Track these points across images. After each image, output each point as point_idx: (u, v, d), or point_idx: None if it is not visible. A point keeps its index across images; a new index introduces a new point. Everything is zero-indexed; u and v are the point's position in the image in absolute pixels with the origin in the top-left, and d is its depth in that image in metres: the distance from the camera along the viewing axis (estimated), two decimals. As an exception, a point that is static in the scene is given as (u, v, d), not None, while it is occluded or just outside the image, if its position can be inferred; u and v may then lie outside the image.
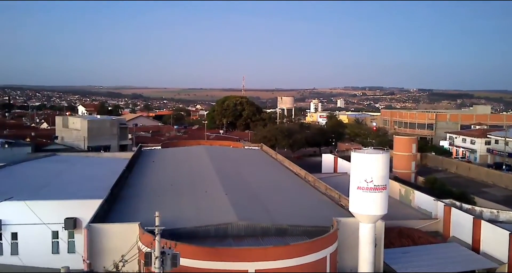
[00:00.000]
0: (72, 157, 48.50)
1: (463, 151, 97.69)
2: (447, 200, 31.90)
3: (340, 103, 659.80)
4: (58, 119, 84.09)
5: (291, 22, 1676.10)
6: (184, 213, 26.54)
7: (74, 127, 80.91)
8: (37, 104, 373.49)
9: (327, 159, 54.20)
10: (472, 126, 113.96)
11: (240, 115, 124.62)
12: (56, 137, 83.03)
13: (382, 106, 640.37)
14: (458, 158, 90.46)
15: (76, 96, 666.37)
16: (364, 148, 23.23)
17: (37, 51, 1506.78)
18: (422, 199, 34.24)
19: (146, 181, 36.33)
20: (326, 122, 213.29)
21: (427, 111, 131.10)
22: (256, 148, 59.03)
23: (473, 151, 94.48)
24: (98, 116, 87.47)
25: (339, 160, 51.50)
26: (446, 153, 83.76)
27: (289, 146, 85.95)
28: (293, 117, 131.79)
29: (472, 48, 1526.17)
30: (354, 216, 23.50)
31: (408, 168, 49.78)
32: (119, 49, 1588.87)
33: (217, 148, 55.31)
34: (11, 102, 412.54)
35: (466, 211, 29.99)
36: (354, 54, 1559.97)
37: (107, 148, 79.16)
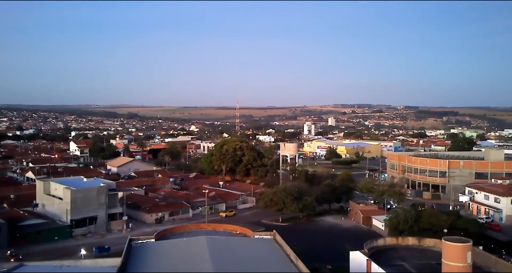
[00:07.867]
0: (41, 269, 39.18)
1: (486, 209, 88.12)
2: None
3: (331, 121, 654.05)
4: (39, 184, 74.84)
5: (283, 42, 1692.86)
6: None
7: (57, 194, 71.87)
8: (31, 131, 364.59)
9: (357, 261, 44.68)
10: (491, 179, 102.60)
11: (240, 161, 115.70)
12: (37, 205, 73.86)
13: (372, 124, 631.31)
14: (482, 218, 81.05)
15: (72, 117, 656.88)
16: None
17: (35, 71, 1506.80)
18: None
19: None
20: (326, 154, 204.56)
21: (438, 158, 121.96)
22: (268, 237, 49.89)
23: (498, 210, 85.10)
24: (85, 179, 78.31)
25: (373, 265, 42.18)
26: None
27: (298, 211, 78.22)
28: (296, 165, 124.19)
29: (457, 67, 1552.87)
30: None
31: (462, 283, 39.89)
32: (115, 69, 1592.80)
33: (221, 244, 46.08)
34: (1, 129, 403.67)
35: None
36: (343, 72, 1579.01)
37: (93, 220, 70.04)
